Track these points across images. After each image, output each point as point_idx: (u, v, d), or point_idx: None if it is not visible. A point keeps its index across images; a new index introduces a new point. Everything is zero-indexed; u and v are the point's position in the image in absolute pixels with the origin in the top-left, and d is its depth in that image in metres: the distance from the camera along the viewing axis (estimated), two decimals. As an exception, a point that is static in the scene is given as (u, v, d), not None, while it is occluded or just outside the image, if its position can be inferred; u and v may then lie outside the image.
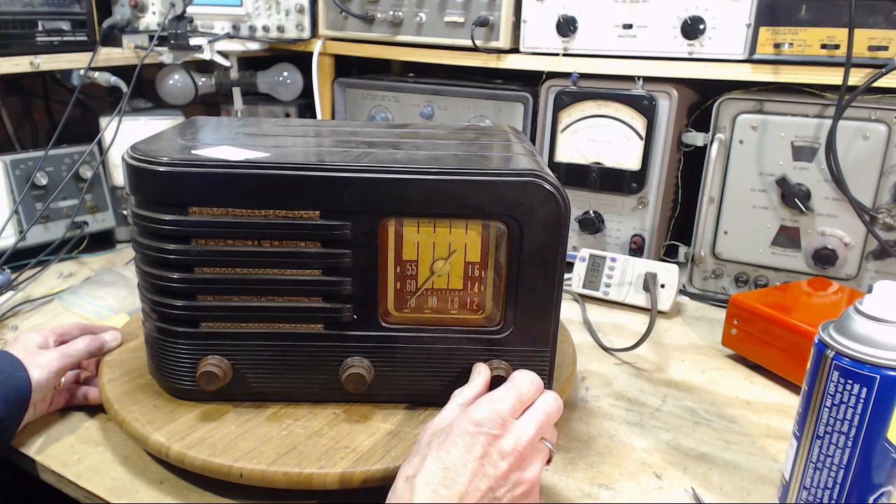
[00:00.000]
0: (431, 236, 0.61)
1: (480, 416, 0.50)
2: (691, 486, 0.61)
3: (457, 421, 0.51)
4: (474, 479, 0.47)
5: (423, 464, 0.48)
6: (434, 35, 1.12)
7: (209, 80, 1.24)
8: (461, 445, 0.49)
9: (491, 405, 0.51)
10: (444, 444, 0.49)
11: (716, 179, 0.98)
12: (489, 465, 0.48)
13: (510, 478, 0.49)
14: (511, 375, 0.56)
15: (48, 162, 1.06)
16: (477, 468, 0.48)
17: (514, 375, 0.56)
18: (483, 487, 0.48)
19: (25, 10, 1.02)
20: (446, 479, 0.47)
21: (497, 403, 0.52)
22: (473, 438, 0.49)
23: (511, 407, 0.52)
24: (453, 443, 0.49)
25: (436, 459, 0.48)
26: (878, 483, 0.51)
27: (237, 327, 0.62)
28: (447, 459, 0.48)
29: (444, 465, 0.48)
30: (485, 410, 0.51)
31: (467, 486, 0.47)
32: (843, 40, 0.85)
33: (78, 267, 1.06)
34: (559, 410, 0.55)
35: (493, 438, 0.49)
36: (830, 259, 0.91)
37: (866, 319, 0.50)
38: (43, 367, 0.63)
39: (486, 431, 0.49)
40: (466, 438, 0.49)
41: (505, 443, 0.50)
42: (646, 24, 0.98)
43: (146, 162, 0.58)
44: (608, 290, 1.00)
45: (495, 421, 0.50)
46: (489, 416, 0.50)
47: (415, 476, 0.47)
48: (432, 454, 0.49)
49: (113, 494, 0.57)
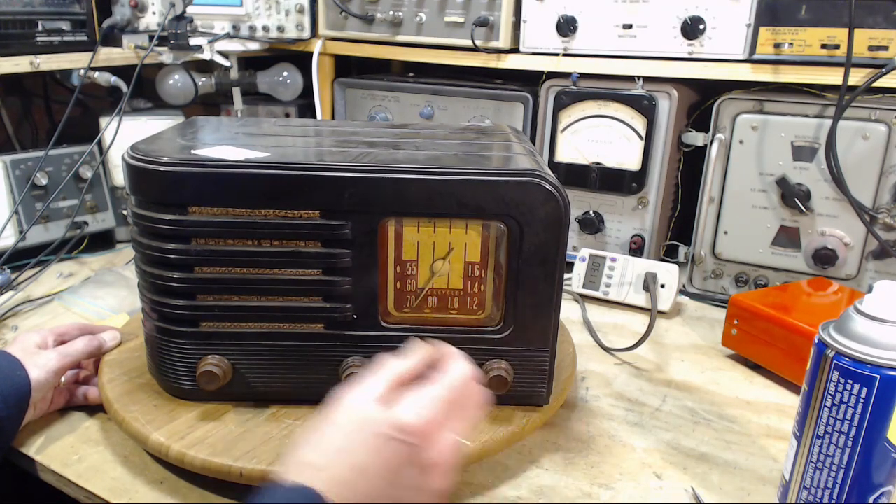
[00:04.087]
0: (431, 236, 0.61)
1: (406, 422, 0.45)
2: (691, 486, 0.61)
3: (379, 416, 0.45)
4: (379, 486, 0.44)
5: (330, 457, 0.44)
6: (434, 35, 1.12)
7: (209, 80, 1.24)
8: (375, 449, 0.44)
9: (422, 410, 0.46)
10: (358, 439, 0.45)
11: (716, 179, 0.98)
12: (401, 476, 0.45)
13: (421, 486, 0.46)
14: (447, 366, 0.50)
15: (48, 162, 1.06)
16: (385, 477, 0.44)
17: (449, 368, 0.50)
18: (386, 494, 0.44)
19: (25, 10, 1.02)
20: (351, 482, 0.43)
21: (428, 409, 0.46)
22: (389, 443, 0.44)
23: (441, 413, 0.47)
24: (367, 444, 0.44)
25: (346, 456, 0.44)
26: (878, 483, 0.51)
27: (237, 327, 0.62)
28: (357, 460, 0.44)
29: (353, 466, 0.44)
30: (412, 415, 0.45)
31: (370, 492, 0.44)
32: (843, 40, 0.85)
33: (78, 267, 1.06)
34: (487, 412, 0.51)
35: (410, 448, 0.45)
36: (830, 259, 0.91)
37: (866, 319, 0.50)
38: (42, 367, 0.63)
39: (404, 440, 0.44)
40: (383, 442, 0.44)
41: (426, 456, 0.45)
42: (646, 24, 0.98)
43: (146, 162, 0.58)
44: (608, 290, 1.00)
45: (421, 431, 0.45)
46: (416, 425, 0.45)
47: (322, 470, 0.43)
48: (344, 448, 0.44)
49: (113, 494, 0.57)
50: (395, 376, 0.49)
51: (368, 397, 0.47)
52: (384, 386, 0.47)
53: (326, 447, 0.45)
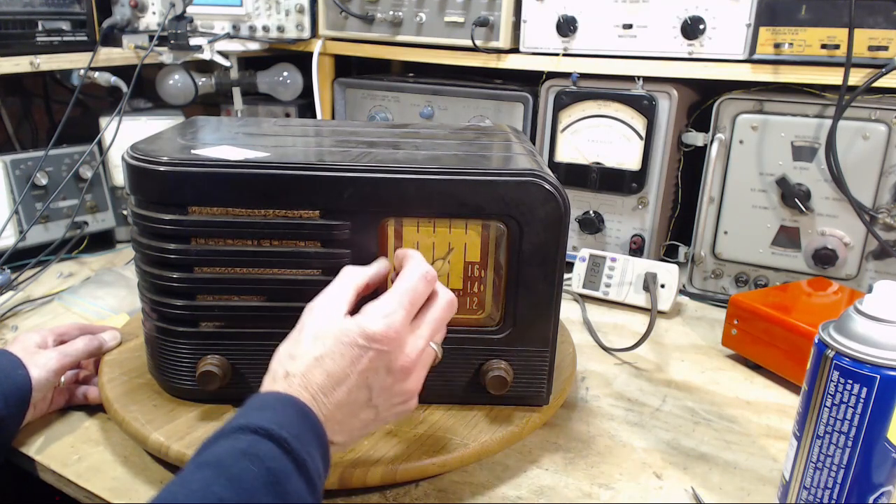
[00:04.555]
0: (431, 236, 0.61)
1: (373, 330, 0.48)
2: (691, 486, 0.60)
3: (348, 326, 0.48)
4: (355, 389, 0.48)
5: (306, 364, 0.48)
6: (434, 35, 1.12)
7: (209, 80, 1.24)
8: (348, 357, 0.47)
9: (385, 319, 0.48)
10: (330, 349, 0.48)
11: (716, 179, 0.98)
12: (374, 378, 0.48)
13: (393, 389, 0.49)
14: (402, 269, 0.52)
15: (48, 162, 1.06)
16: (360, 381, 0.48)
17: (404, 270, 0.52)
18: (362, 398, 0.48)
19: (25, 10, 1.02)
20: (326, 386, 0.47)
21: (391, 316, 0.49)
22: (362, 351, 0.48)
23: (405, 317, 0.50)
24: (340, 352, 0.48)
25: (319, 363, 0.47)
26: (878, 483, 0.51)
27: (237, 327, 0.62)
28: (331, 366, 0.47)
29: (327, 371, 0.47)
30: (378, 324, 0.48)
31: (346, 396, 0.47)
32: (843, 40, 0.85)
33: (78, 267, 1.06)
34: (452, 311, 0.53)
35: (382, 355, 0.48)
36: (830, 259, 0.91)
37: (866, 319, 0.50)
38: (42, 367, 0.63)
39: (376, 347, 0.48)
40: (354, 350, 0.48)
41: (394, 359, 0.49)
42: (646, 24, 0.98)
43: (146, 162, 0.58)
44: (608, 290, 1.00)
45: (389, 337, 0.48)
46: (384, 332, 0.48)
47: (295, 375, 0.47)
48: (316, 355, 0.48)
49: (113, 494, 0.57)
50: (359, 284, 0.53)
51: (336, 308, 0.50)
52: (349, 294, 0.52)
53: (303, 356, 0.48)
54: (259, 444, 0.42)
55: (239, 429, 0.43)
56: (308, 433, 0.45)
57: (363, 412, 0.49)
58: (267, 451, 0.42)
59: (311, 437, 0.45)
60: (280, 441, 0.43)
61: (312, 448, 0.44)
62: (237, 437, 0.43)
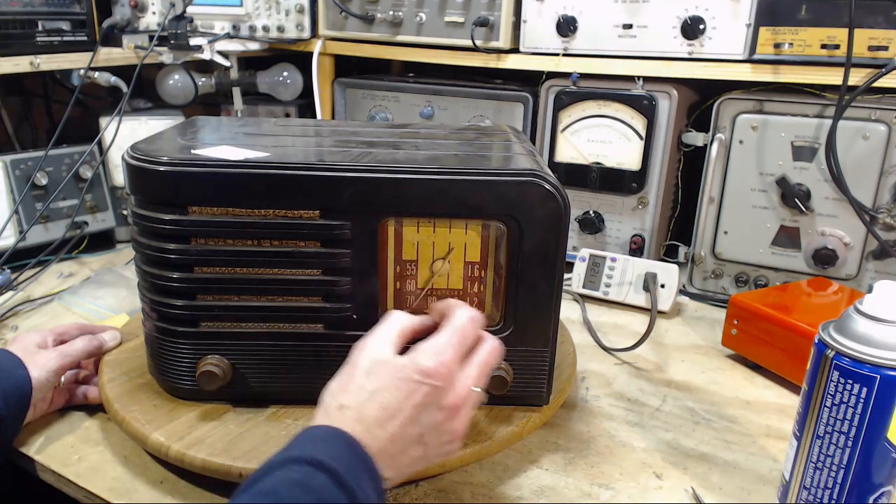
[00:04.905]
0: (431, 236, 0.61)
1: (427, 366, 0.49)
2: (691, 486, 0.60)
3: (402, 363, 0.50)
4: (408, 424, 0.48)
5: (360, 398, 0.49)
6: (434, 35, 1.12)
7: (209, 80, 1.24)
8: (403, 391, 0.49)
9: (438, 356, 0.50)
10: (385, 383, 0.49)
11: (716, 179, 0.97)
12: (425, 414, 0.49)
13: (442, 427, 0.50)
14: (450, 313, 0.54)
15: (48, 162, 1.06)
16: (413, 415, 0.49)
17: (454, 315, 0.54)
18: (414, 434, 0.49)
19: (25, 10, 1.02)
20: (380, 419, 0.48)
21: (444, 354, 0.51)
22: (416, 386, 0.49)
23: (456, 356, 0.51)
24: (395, 386, 0.49)
25: (373, 396, 0.49)
26: (878, 483, 0.51)
27: (237, 327, 0.62)
28: (386, 399, 0.48)
29: (382, 406, 0.48)
30: (432, 360, 0.50)
31: (399, 430, 0.48)
32: (843, 40, 0.85)
33: (78, 267, 1.06)
34: (500, 358, 0.55)
35: (435, 390, 0.49)
36: (830, 259, 0.91)
37: (866, 319, 0.50)
38: (42, 367, 0.63)
39: (430, 383, 0.49)
40: (410, 385, 0.49)
41: (446, 397, 0.50)
42: (646, 24, 0.98)
43: (146, 162, 0.58)
44: (608, 290, 1.00)
45: (441, 373, 0.50)
46: (436, 368, 0.50)
47: (349, 408, 0.48)
48: (371, 388, 0.49)
49: (113, 494, 0.57)
50: (405, 327, 0.54)
51: (387, 346, 0.52)
52: (397, 335, 0.53)
53: (357, 390, 0.49)
54: (313, 476, 0.43)
55: (292, 460, 0.44)
56: (360, 467, 0.46)
57: (413, 448, 0.50)
58: (321, 483, 0.43)
59: (363, 471, 0.46)
60: (333, 473, 0.43)
61: (364, 482, 0.45)
62: (291, 468, 0.43)
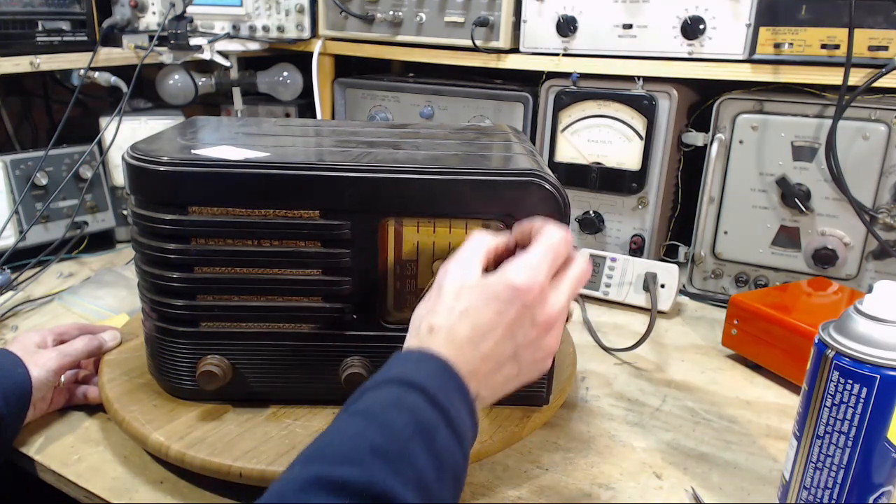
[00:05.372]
0: (431, 236, 0.61)
1: (519, 281, 0.47)
2: (691, 486, 0.60)
3: (492, 281, 0.48)
4: (501, 341, 0.47)
5: (451, 318, 0.47)
6: (434, 35, 1.12)
7: (209, 80, 1.24)
8: (494, 308, 0.47)
9: (530, 270, 0.48)
10: (475, 302, 0.47)
11: (716, 179, 0.97)
12: (518, 330, 0.48)
13: (536, 344, 0.49)
14: (542, 229, 0.51)
15: (48, 162, 1.06)
16: (505, 332, 0.47)
17: (546, 231, 0.51)
18: (507, 352, 0.48)
19: (25, 10, 1.02)
20: (473, 339, 0.46)
21: (536, 270, 0.48)
22: (508, 304, 0.47)
23: (548, 273, 0.49)
24: (486, 304, 0.47)
25: (465, 316, 0.47)
26: (878, 483, 0.51)
27: (237, 327, 0.62)
28: (477, 319, 0.47)
29: (473, 325, 0.47)
30: (524, 276, 0.48)
31: (492, 348, 0.47)
32: (843, 40, 0.85)
33: (78, 267, 1.06)
34: (588, 275, 0.53)
35: (526, 307, 0.48)
36: (830, 259, 0.91)
37: (866, 319, 0.50)
38: (42, 366, 0.63)
39: (522, 300, 0.47)
40: (500, 303, 0.47)
41: (538, 313, 0.48)
42: (646, 24, 0.98)
43: (146, 162, 0.58)
44: (608, 290, 1.00)
45: (533, 289, 0.48)
46: (528, 283, 0.47)
47: (440, 328, 0.47)
48: (461, 308, 0.47)
49: (113, 494, 0.57)
50: (489, 247, 0.52)
51: (474, 265, 0.50)
52: (482, 255, 0.51)
53: (447, 311, 0.48)
54: (406, 395, 0.42)
55: (385, 382, 0.44)
56: (451, 386, 0.45)
57: (507, 366, 0.48)
58: (413, 402, 0.42)
59: (454, 391, 0.45)
60: (425, 392, 0.42)
61: (456, 402, 0.44)
62: (385, 389, 0.43)
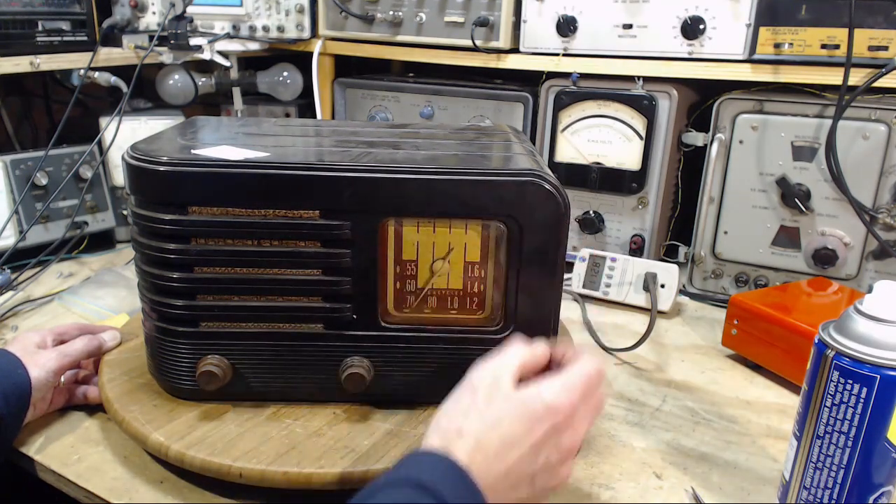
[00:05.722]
0: (431, 236, 0.61)
1: (552, 401, 0.47)
2: (691, 486, 0.60)
3: (527, 395, 0.48)
4: (524, 460, 0.46)
5: (482, 427, 0.46)
6: (434, 35, 1.12)
7: (209, 80, 1.24)
8: (525, 424, 0.46)
9: (566, 393, 0.48)
10: (508, 413, 0.47)
11: (716, 179, 0.97)
12: (542, 453, 0.47)
13: (552, 470, 0.48)
14: (580, 355, 0.52)
15: (48, 162, 1.06)
16: (531, 451, 0.47)
17: (585, 358, 0.51)
18: (528, 472, 0.47)
19: (25, 10, 1.02)
20: (500, 452, 0.46)
21: (571, 392, 0.48)
22: (539, 423, 0.47)
23: (581, 399, 0.49)
24: (517, 418, 0.47)
25: (495, 427, 0.46)
26: (878, 483, 0.51)
27: (237, 327, 0.62)
28: (506, 432, 0.46)
29: (502, 437, 0.46)
30: (558, 395, 0.48)
31: (515, 465, 0.46)
32: (843, 40, 0.85)
33: (78, 267, 1.06)
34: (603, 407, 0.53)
35: (555, 429, 0.47)
36: (830, 259, 0.91)
37: (866, 319, 0.50)
38: (41, 367, 0.63)
39: (552, 419, 0.47)
40: (531, 421, 0.47)
41: (564, 438, 0.48)
42: (646, 24, 0.98)
43: (146, 162, 0.58)
44: (608, 290, 1.00)
45: (565, 412, 0.47)
46: (562, 404, 0.47)
47: (469, 435, 0.46)
48: (492, 419, 0.47)
49: (113, 494, 0.57)
50: (526, 359, 0.51)
51: (509, 374, 0.49)
52: (517, 366, 0.50)
53: (477, 417, 0.47)
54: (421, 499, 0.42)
55: (403, 483, 0.43)
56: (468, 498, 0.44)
57: (522, 487, 0.47)
58: None
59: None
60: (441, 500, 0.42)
61: None
62: (402, 490, 0.43)
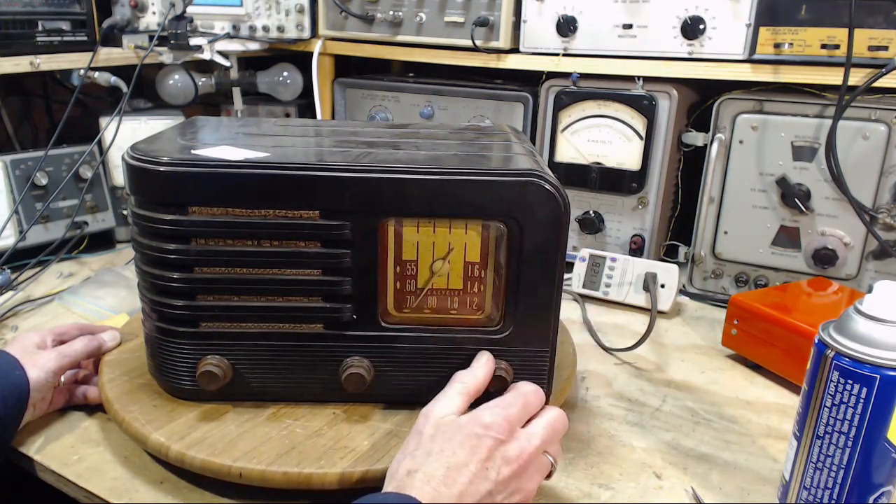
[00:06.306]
0: (431, 236, 0.60)
1: (489, 420, 0.51)
2: (691, 486, 0.60)
3: (464, 420, 0.51)
4: (475, 480, 0.48)
5: (427, 460, 0.48)
6: (434, 35, 1.12)
7: (209, 80, 1.24)
8: (467, 447, 0.49)
9: (500, 409, 0.52)
10: (450, 442, 0.49)
11: (716, 179, 0.97)
12: (492, 468, 0.49)
13: (510, 485, 0.49)
14: (514, 385, 0.58)
15: (48, 162, 1.06)
16: (479, 470, 0.48)
17: (518, 384, 0.57)
18: (482, 490, 0.48)
19: (25, 10, 1.02)
20: (448, 479, 0.47)
21: (506, 409, 0.52)
22: (479, 441, 0.49)
23: (518, 414, 0.53)
24: (459, 443, 0.49)
25: (439, 457, 0.48)
26: (878, 483, 0.51)
27: (237, 327, 0.62)
28: (451, 459, 0.48)
29: (448, 465, 0.48)
30: (494, 414, 0.51)
31: (467, 487, 0.47)
32: (843, 40, 0.85)
33: (78, 267, 1.06)
34: (565, 427, 0.55)
35: (499, 443, 0.50)
36: (830, 259, 0.91)
37: (866, 319, 0.50)
38: (41, 367, 0.63)
39: (493, 435, 0.50)
40: (473, 440, 0.49)
41: (510, 449, 0.50)
42: (646, 24, 0.98)
43: (146, 162, 0.58)
44: (608, 290, 1.00)
45: (503, 426, 0.50)
46: (498, 421, 0.51)
47: (417, 471, 0.48)
48: (436, 451, 0.49)
49: (113, 494, 0.57)
50: (470, 391, 0.56)
51: (451, 408, 0.54)
52: (462, 399, 0.55)
53: (422, 454, 0.49)
54: None
55: None
56: None
57: None
58: None
59: None
60: None
61: None
62: None
